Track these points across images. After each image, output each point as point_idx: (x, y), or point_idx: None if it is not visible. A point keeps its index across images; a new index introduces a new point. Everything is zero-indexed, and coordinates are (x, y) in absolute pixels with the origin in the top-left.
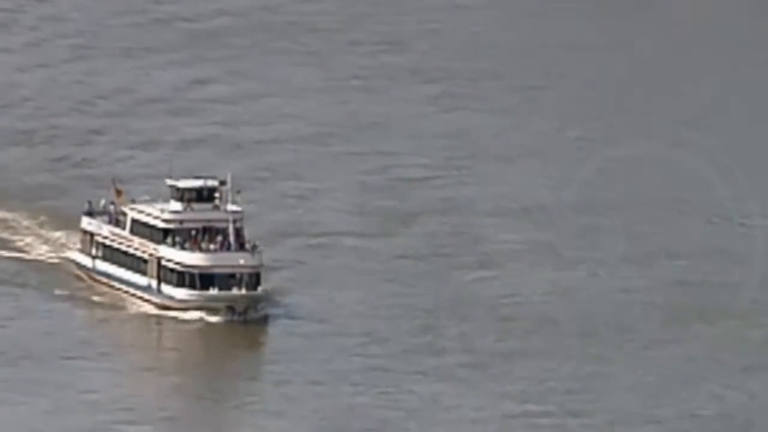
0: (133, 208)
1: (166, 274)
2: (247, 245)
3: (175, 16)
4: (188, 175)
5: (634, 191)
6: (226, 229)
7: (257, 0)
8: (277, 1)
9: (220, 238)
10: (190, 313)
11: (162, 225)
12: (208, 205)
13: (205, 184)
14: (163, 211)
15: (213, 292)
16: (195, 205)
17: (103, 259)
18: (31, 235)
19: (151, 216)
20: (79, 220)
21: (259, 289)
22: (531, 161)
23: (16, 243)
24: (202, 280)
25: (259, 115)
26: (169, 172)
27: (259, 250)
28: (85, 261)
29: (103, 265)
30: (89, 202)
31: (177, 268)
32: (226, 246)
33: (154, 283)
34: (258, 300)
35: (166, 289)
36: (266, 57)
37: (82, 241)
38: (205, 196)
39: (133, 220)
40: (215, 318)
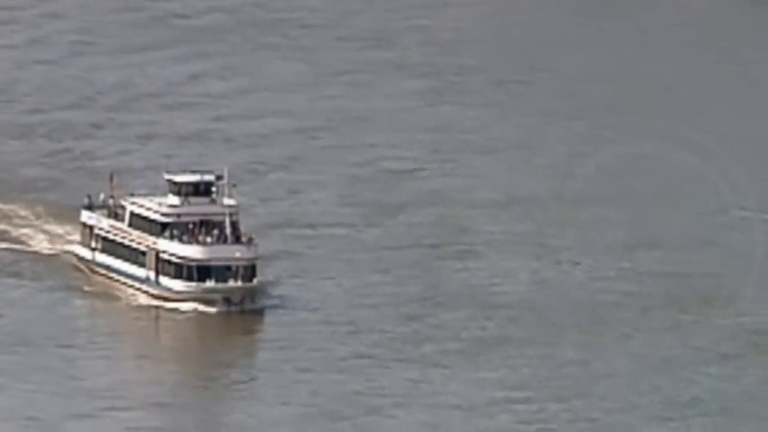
0: (133, 202)
1: (164, 267)
2: (243, 238)
3: (170, 13)
4: (183, 168)
5: (618, 183)
6: (222, 223)
7: None
8: None
9: (217, 232)
10: (188, 304)
11: (160, 218)
12: (205, 199)
13: (201, 178)
14: (161, 205)
15: (210, 284)
16: (192, 199)
17: (103, 251)
18: (29, 227)
19: (150, 210)
20: (78, 212)
21: (255, 280)
22: (515, 154)
23: (13, 234)
24: (200, 272)
25: (250, 110)
26: (167, 167)
27: (255, 242)
28: (85, 253)
29: (102, 258)
30: (89, 196)
31: (175, 260)
32: (222, 239)
33: (152, 275)
34: (253, 291)
35: (164, 281)
36: (257, 53)
37: (82, 234)
38: (202, 191)
39: (132, 214)
40: (212, 309)
